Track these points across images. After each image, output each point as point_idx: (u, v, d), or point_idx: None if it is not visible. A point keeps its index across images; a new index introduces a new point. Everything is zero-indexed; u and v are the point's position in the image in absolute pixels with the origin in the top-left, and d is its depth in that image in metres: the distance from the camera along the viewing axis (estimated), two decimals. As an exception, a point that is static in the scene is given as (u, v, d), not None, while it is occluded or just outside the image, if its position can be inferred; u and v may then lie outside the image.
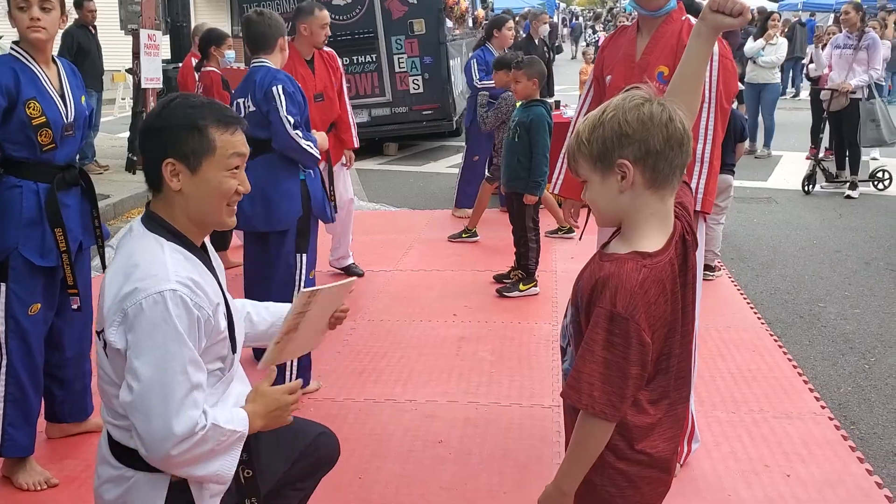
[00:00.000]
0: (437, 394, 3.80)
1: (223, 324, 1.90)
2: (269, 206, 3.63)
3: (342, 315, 2.28)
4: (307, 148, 3.64)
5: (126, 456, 1.87)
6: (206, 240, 2.06)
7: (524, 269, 5.17)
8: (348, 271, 5.57)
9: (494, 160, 6.15)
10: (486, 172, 6.45)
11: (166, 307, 1.74)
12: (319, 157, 3.74)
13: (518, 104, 5.28)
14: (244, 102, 3.72)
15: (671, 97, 1.71)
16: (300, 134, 3.62)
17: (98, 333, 1.86)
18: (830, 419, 3.53)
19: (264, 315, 2.27)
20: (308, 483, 2.32)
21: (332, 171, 4.38)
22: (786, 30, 10.46)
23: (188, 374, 1.76)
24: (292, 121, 3.58)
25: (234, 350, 1.97)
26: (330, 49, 5.13)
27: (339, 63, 5.20)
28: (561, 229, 6.48)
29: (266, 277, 3.77)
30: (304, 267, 3.77)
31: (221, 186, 1.91)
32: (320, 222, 3.96)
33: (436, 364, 4.13)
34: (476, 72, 6.98)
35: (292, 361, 3.87)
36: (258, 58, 3.76)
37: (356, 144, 5.32)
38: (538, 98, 5.10)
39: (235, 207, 1.98)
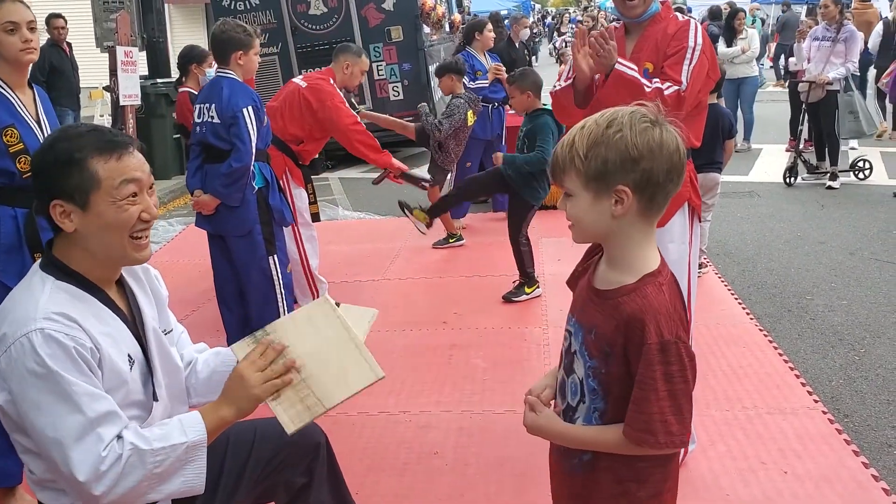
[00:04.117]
0: (431, 404, 3.78)
1: (124, 367, 1.77)
2: (225, 212, 3.90)
3: None
4: (243, 182, 3.87)
5: None
6: (142, 273, 1.97)
7: (524, 274, 5.15)
8: None
9: (437, 162, 6.20)
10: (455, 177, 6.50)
11: (34, 349, 1.64)
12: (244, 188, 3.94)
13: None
14: (207, 109, 3.93)
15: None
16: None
17: None
18: (824, 413, 3.54)
19: (210, 362, 2.11)
20: (291, 475, 2.16)
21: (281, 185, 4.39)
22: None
23: (81, 410, 1.64)
24: (254, 150, 3.85)
25: (154, 398, 1.86)
26: None
27: None
28: (452, 237, 6.44)
29: (237, 281, 4.05)
30: (278, 266, 4.05)
31: (118, 219, 1.75)
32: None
33: (428, 373, 4.11)
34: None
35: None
36: (220, 68, 4.00)
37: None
38: (540, 108, 5.05)
39: (146, 239, 1.83)
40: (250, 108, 3.82)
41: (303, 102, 4.76)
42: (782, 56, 14.50)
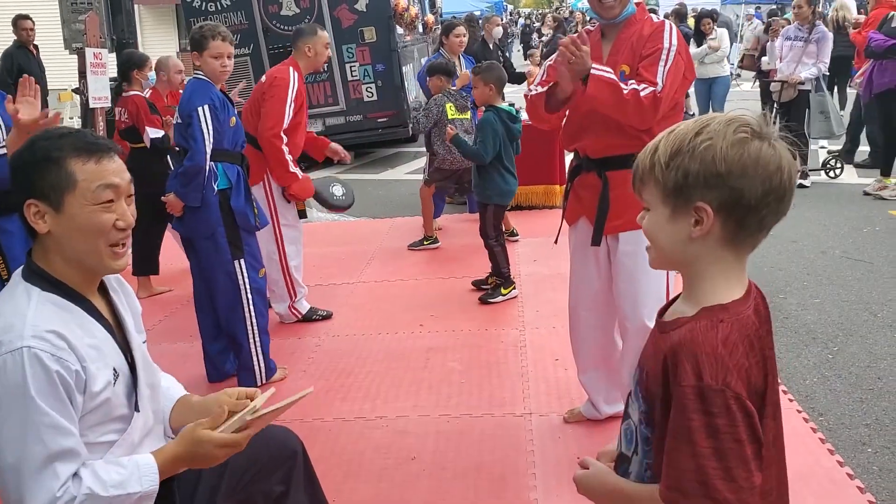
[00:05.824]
0: (408, 408, 3.76)
1: (108, 383, 1.74)
2: (190, 213, 3.89)
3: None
4: (199, 182, 3.81)
5: None
6: (117, 284, 1.94)
7: (500, 275, 5.14)
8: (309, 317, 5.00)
9: (434, 163, 6.21)
10: (426, 175, 6.48)
11: (19, 368, 1.61)
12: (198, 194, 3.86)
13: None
14: (177, 111, 3.97)
15: None
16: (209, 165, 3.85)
17: None
18: (798, 412, 3.56)
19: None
20: (268, 484, 2.15)
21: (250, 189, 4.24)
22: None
23: (44, 442, 1.61)
24: (209, 150, 3.80)
25: (136, 408, 1.83)
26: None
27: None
28: (427, 239, 6.43)
29: (207, 281, 4.03)
30: (245, 270, 3.97)
31: (91, 223, 1.72)
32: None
33: (404, 377, 4.09)
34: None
35: (261, 367, 4.05)
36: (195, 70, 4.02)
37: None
38: (494, 104, 5.08)
39: (123, 248, 1.79)
40: (206, 107, 3.79)
41: (260, 97, 4.70)
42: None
